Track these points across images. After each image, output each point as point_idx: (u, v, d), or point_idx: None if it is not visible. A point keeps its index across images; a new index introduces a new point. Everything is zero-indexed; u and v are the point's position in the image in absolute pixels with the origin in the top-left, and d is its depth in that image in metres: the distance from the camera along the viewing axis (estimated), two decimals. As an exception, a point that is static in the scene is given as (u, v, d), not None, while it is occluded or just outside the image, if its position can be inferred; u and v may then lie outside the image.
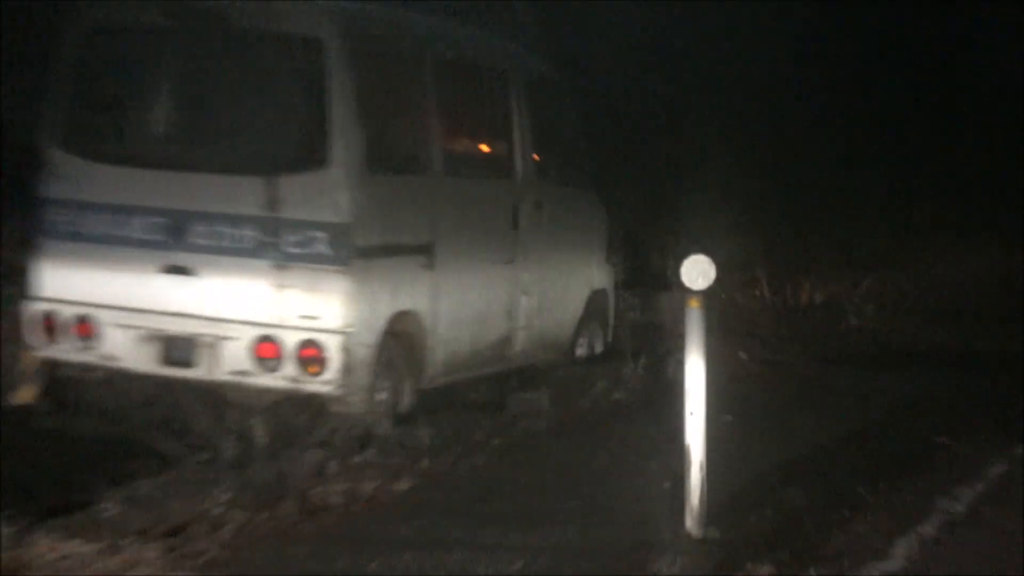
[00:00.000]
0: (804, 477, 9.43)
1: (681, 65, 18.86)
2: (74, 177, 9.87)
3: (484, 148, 11.23)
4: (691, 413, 7.60)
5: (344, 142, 9.47)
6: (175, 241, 9.65)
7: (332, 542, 7.52)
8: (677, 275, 7.80)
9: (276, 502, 8.02)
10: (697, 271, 7.56)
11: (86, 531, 6.98)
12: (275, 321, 9.46)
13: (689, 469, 7.59)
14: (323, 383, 9.37)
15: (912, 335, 15.71)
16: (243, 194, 9.51)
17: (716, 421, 7.88)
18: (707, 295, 7.70)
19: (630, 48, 18.54)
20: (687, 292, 7.69)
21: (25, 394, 10.16)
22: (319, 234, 9.42)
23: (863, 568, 7.70)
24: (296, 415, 9.40)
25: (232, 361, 9.52)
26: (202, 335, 9.60)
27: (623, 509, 8.22)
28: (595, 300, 12.80)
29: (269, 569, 6.97)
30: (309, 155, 9.53)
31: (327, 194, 9.45)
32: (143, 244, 9.72)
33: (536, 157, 11.64)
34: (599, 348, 12.86)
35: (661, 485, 8.47)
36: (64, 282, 9.89)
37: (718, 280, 7.78)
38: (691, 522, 7.56)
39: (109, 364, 9.89)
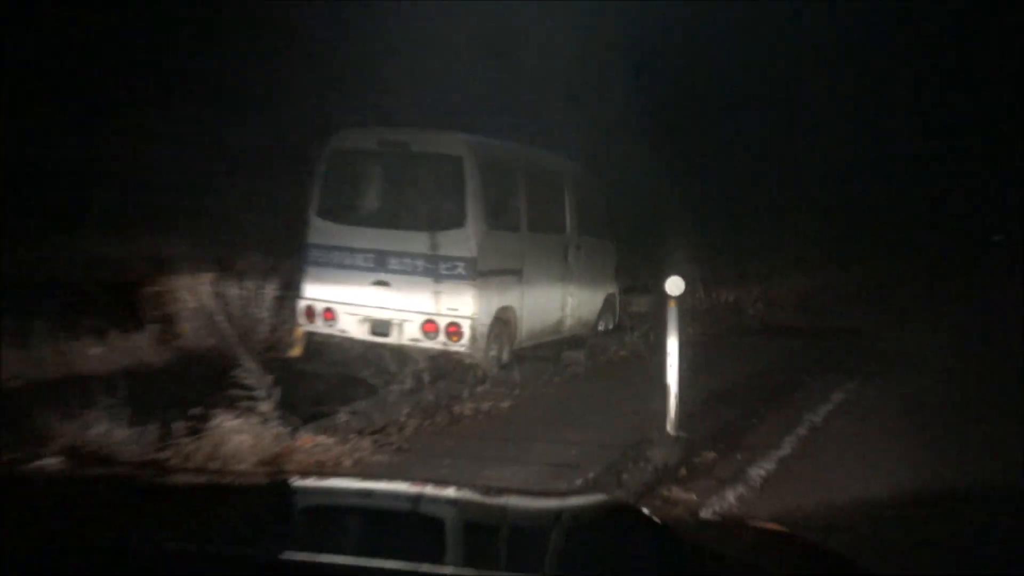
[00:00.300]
0: (728, 400, 9.11)
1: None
2: (325, 231, 9.77)
3: (550, 216, 10.93)
4: (670, 365, 7.29)
5: (473, 213, 9.30)
6: (380, 267, 9.48)
7: (467, 437, 7.29)
8: (661, 286, 7.49)
9: (434, 414, 7.77)
10: (674, 284, 7.32)
11: (328, 430, 6.76)
12: (434, 311, 9.27)
13: (668, 397, 7.30)
14: (460, 346, 9.21)
15: (783, 319, 15.33)
16: (418, 241, 9.35)
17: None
18: (679, 299, 7.40)
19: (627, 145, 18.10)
20: (668, 296, 7.39)
21: (295, 351, 10.00)
22: (459, 263, 9.23)
23: (767, 453, 7.40)
24: (445, 364, 9.15)
25: (410, 333, 9.35)
26: (394, 319, 9.41)
27: (630, 419, 7.93)
28: (608, 299, 12.52)
29: (432, 452, 6.73)
30: (454, 220, 9.33)
31: (464, 242, 9.26)
32: (362, 268, 9.56)
33: (577, 220, 11.35)
34: (611, 326, 12.58)
35: (650, 405, 8.08)
36: (318, 288, 9.78)
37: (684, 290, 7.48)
38: (670, 427, 7.24)
39: (341, 335, 9.74)
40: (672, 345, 7.31)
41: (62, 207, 17.42)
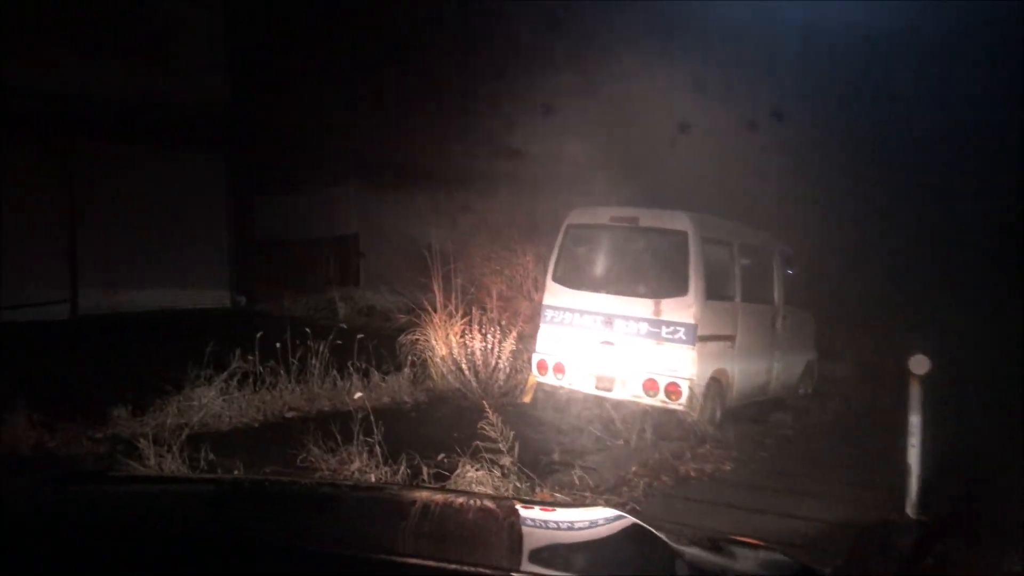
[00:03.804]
0: (950, 471, 6.93)
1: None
2: (559, 295, 8.72)
3: (759, 287, 9.48)
4: (912, 445, 5.62)
5: (695, 282, 8.02)
6: (607, 328, 8.31)
7: (695, 501, 5.90)
8: (905, 363, 5.73)
9: (660, 473, 6.44)
10: (919, 363, 5.60)
11: (564, 487, 5.59)
12: (655, 371, 8.01)
13: (909, 477, 5.59)
14: (678, 404, 7.90)
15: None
16: (643, 307, 8.12)
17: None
18: (923, 378, 5.67)
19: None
20: (911, 375, 5.68)
21: (526, 398, 9.00)
22: (680, 328, 7.95)
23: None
24: (662, 420, 7.83)
25: (632, 390, 8.12)
26: (617, 376, 8.21)
27: (855, 492, 6.30)
28: (808, 365, 10.83)
29: (663, 516, 5.40)
30: (677, 289, 8.05)
31: (685, 309, 7.97)
32: (590, 328, 8.42)
33: (783, 291, 9.82)
34: (809, 391, 10.82)
35: (872, 477, 6.48)
36: (550, 344, 8.72)
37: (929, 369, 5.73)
38: (910, 509, 5.56)
39: (569, 387, 8.60)
40: (915, 424, 5.65)
41: (346, 269, 17.52)
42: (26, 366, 8.15)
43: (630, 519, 2.10)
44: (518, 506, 2.78)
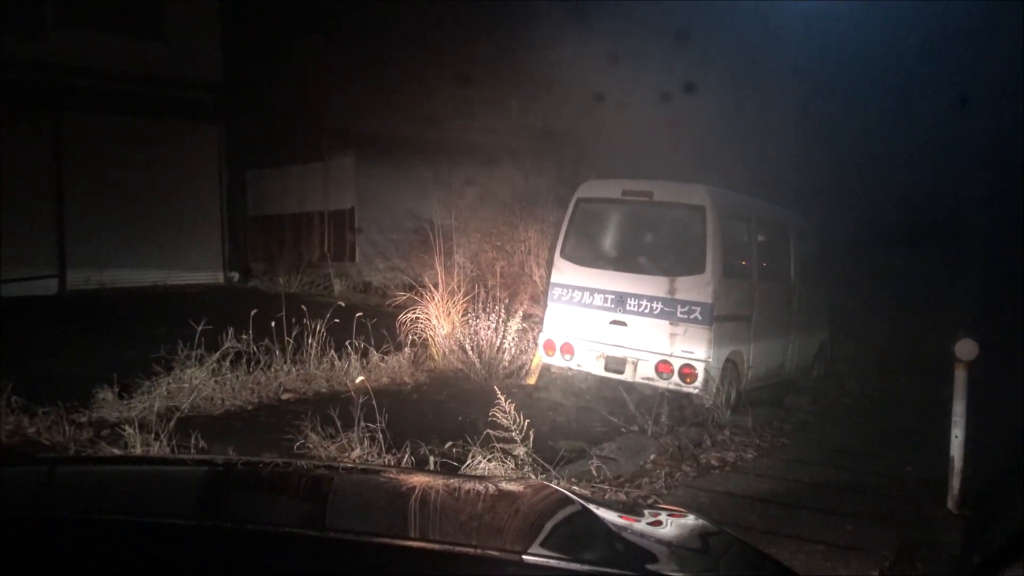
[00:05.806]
0: (984, 455, 6.57)
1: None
2: (568, 272, 8.24)
3: (776, 265, 9.06)
4: (955, 436, 5.19)
5: (712, 260, 7.53)
6: (618, 307, 7.84)
7: (722, 494, 5.46)
8: (951, 350, 5.27)
9: (681, 461, 6.02)
10: (966, 348, 5.14)
11: (580, 479, 5.17)
12: (669, 352, 7.56)
13: (952, 472, 5.18)
14: (693, 387, 7.47)
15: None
16: (657, 285, 7.66)
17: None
18: (970, 363, 5.21)
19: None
20: (957, 360, 5.23)
21: (531, 380, 8.57)
22: (696, 308, 7.48)
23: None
24: (675, 403, 7.42)
25: (644, 372, 7.68)
26: (628, 357, 7.76)
27: (888, 485, 5.89)
28: (822, 345, 10.41)
29: (686, 504, 4.95)
30: (693, 266, 7.59)
31: (701, 287, 7.49)
32: (601, 307, 7.95)
33: (799, 269, 9.41)
34: (823, 372, 10.39)
35: (902, 467, 6.06)
36: (558, 324, 8.26)
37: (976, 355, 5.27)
38: (952, 503, 5.16)
39: (577, 368, 8.18)
40: (959, 413, 5.22)
41: (342, 244, 17.00)
42: (7, 345, 7.68)
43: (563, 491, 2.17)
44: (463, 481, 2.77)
